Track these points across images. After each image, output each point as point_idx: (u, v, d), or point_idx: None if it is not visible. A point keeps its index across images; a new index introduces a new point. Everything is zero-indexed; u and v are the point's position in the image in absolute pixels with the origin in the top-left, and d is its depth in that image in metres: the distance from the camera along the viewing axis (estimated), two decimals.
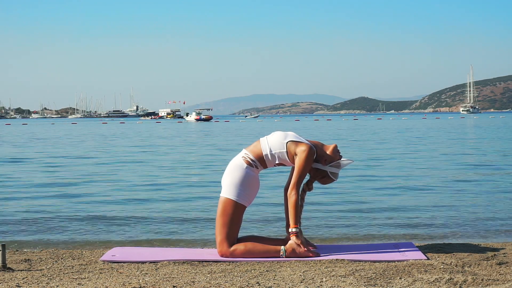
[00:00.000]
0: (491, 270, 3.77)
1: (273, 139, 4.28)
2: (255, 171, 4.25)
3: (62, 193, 8.51)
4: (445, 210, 6.76)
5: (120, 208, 7.10)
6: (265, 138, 4.32)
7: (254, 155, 4.25)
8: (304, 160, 4.15)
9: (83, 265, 4.05)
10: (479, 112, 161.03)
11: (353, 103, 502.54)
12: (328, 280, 3.51)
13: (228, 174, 4.27)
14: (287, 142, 4.23)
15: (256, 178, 4.26)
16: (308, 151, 4.17)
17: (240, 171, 4.22)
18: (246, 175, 4.21)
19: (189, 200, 7.70)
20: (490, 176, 10.19)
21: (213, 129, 48.00)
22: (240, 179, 4.20)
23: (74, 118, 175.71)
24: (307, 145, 4.20)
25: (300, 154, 4.17)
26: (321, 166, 4.29)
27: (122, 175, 11.01)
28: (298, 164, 4.17)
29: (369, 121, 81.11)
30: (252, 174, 4.23)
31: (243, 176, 4.20)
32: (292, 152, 4.21)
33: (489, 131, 33.12)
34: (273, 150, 4.23)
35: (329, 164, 4.29)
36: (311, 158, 4.19)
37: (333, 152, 4.31)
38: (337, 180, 4.39)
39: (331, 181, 4.36)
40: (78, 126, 65.98)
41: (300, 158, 4.16)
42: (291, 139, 4.24)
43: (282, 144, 4.23)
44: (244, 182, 4.20)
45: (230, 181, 4.23)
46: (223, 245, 4.19)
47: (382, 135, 30.19)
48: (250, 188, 4.22)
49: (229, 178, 4.25)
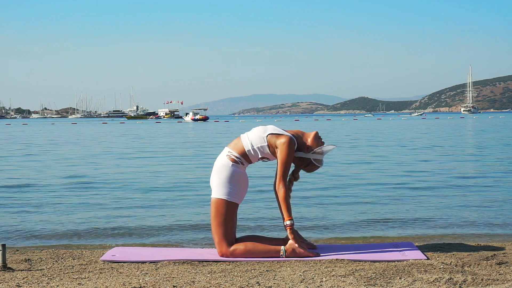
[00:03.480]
0: (491, 270, 3.77)
1: (253, 134, 4.28)
2: (241, 168, 4.26)
3: (62, 193, 8.51)
4: (445, 210, 6.75)
5: (120, 208, 7.10)
6: (245, 134, 4.32)
7: (237, 152, 4.26)
8: (286, 152, 4.15)
9: (83, 265, 4.06)
10: (478, 112, 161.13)
11: (353, 103, 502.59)
12: (328, 280, 3.52)
13: (215, 175, 4.27)
14: (267, 136, 4.23)
15: (243, 174, 4.26)
16: (288, 142, 4.17)
17: (226, 170, 4.22)
18: (233, 172, 4.21)
19: (189, 200, 7.70)
20: (490, 176, 10.18)
21: (209, 128, 47.99)
22: (228, 177, 4.21)
23: (74, 118, 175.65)
24: (287, 136, 4.20)
25: (280, 147, 4.18)
26: (303, 154, 4.29)
27: (123, 175, 11.01)
28: (280, 156, 4.17)
29: (369, 121, 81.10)
30: (239, 171, 4.24)
31: (230, 174, 4.21)
32: (273, 145, 4.21)
33: (490, 131, 33.11)
34: (255, 145, 4.24)
35: (311, 152, 4.29)
36: (292, 149, 4.19)
37: (314, 139, 4.31)
38: (322, 166, 4.39)
39: (316, 168, 4.36)
40: (78, 126, 65.96)
41: (281, 150, 4.17)
42: (271, 132, 4.24)
43: (262, 138, 4.24)
44: (233, 180, 4.21)
45: (218, 181, 4.24)
46: (222, 245, 4.19)
47: (382, 136, 30.19)
48: (239, 185, 4.22)
49: (216, 178, 4.25)
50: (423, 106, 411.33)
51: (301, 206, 7.03)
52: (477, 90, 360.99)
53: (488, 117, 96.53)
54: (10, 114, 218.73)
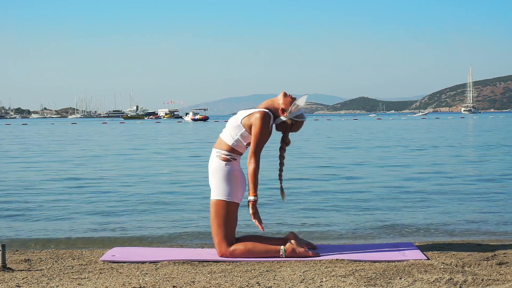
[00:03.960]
0: (491, 270, 3.77)
1: (229, 127, 4.27)
2: (235, 165, 4.25)
3: (62, 193, 8.51)
4: (445, 210, 6.75)
5: (120, 208, 7.10)
6: (223, 132, 4.32)
7: (225, 149, 4.26)
8: (258, 125, 4.14)
9: (83, 265, 4.05)
10: (478, 112, 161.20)
11: (353, 103, 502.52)
12: (328, 280, 3.51)
13: (212, 177, 4.27)
14: (241, 121, 4.23)
15: (239, 172, 4.26)
16: (261, 115, 4.16)
17: (221, 171, 4.22)
18: (228, 172, 4.21)
19: (189, 200, 7.70)
20: (491, 176, 10.18)
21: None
22: (225, 178, 4.20)
23: (74, 118, 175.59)
24: (259, 111, 4.19)
25: (254, 122, 4.17)
26: (283, 118, 4.27)
27: (122, 175, 11.01)
28: (253, 131, 4.16)
29: (370, 121, 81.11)
30: (234, 169, 4.23)
31: (226, 174, 4.20)
32: (249, 126, 4.20)
33: (496, 131, 33.11)
34: (235, 136, 4.23)
35: (288, 112, 4.27)
36: (266, 121, 4.16)
37: (284, 99, 4.28)
38: (306, 119, 4.35)
39: (301, 123, 4.33)
40: (78, 126, 65.97)
41: (254, 124, 4.16)
42: (243, 116, 4.24)
43: (238, 126, 4.23)
44: (229, 180, 4.20)
45: (215, 183, 4.24)
46: (222, 245, 4.18)
47: (383, 135, 30.19)
48: (236, 184, 4.22)
49: (214, 180, 4.26)
50: (423, 106, 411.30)
51: (302, 206, 7.03)
52: (478, 90, 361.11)
53: (489, 117, 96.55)
54: (10, 114, 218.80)
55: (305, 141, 23.56)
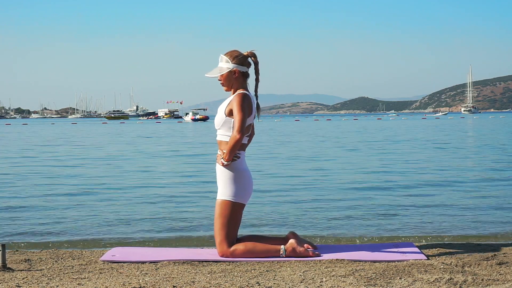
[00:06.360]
0: (491, 270, 3.77)
1: (219, 124, 4.25)
2: (241, 163, 4.23)
3: (62, 193, 8.51)
4: (445, 210, 6.75)
5: (120, 208, 7.11)
6: (217, 135, 4.31)
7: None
8: (239, 104, 4.15)
9: (83, 265, 4.05)
10: (478, 112, 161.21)
11: (353, 103, 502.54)
12: (328, 280, 3.51)
13: (219, 177, 4.26)
14: (225, 112, 4.22)
15: (246, 172, 4.25)
16: (239, 96, 4.18)
17: (228, 171, 4.21)
18: (236, 171, 4.20)
19: (189, 200, 7.70)
20: (491, 176, 10.18)
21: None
22: (231, 177, 4.20)
23: (74, 118, 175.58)
24: (237, 94, 4.21)
25: (234, 102, 4.18)
26: (243, 68, 4.26)
27: (123, 175, 11.01)
28: (235, 110, 4.16)
29: (370, 121, 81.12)
30: (240, 168, 4.22)
31: (233, 173, 4.20)
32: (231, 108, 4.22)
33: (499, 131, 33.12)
34: (227, 126, 4.21)
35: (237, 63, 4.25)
36: (243, 99, 4.18)
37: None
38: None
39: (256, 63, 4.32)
40: (78, 126, 65.94)
41: (235, 104, 4.16)
42: (224, 107, 4.23)
43: (223, 117, 4.22)
44: (236, 180, 4.19)
45: (222, 183, 4.23)
46: (223, 245, 4.18)
47: (383, 135, 30.20)
48: (243, 185, 4.21)
49: (221, 180, 4.25)
50: (423, 106, 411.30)
51: (302, 206, 7.03)
52: (477, 90, 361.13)
53: (489, 117, 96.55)
54: (10, 114, 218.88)
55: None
